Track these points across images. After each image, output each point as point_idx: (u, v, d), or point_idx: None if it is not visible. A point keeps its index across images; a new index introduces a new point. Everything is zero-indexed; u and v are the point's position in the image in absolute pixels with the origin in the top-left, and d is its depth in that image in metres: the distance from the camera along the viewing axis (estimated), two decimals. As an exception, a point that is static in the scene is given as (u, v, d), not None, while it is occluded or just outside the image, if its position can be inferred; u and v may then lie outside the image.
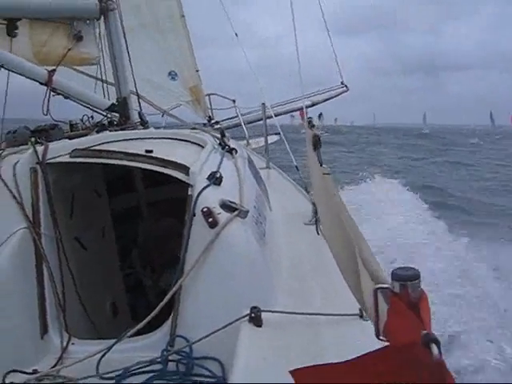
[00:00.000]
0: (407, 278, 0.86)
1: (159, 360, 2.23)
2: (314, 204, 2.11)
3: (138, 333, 2.41)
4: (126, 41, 4.53)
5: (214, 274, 2.31)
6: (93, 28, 4.39)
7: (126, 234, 4.65)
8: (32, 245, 2.54)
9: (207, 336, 2.13)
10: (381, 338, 0.91)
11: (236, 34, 7.75)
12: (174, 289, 2.29)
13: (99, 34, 4.51)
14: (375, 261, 1.09)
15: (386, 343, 0.85)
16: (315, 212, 2.35)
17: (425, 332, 0.70)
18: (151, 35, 7.32)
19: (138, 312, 3.79)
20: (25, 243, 2.51)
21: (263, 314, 2.11)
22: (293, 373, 0.87)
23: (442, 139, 66.71)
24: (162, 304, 2.24)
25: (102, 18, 4.41)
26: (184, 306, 2.33)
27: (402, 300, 0.83)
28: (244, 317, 2.11)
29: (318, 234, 2.51)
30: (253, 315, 2.10)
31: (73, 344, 2.49)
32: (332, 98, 9.35)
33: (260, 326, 2.08)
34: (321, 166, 2.27)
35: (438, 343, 0.68)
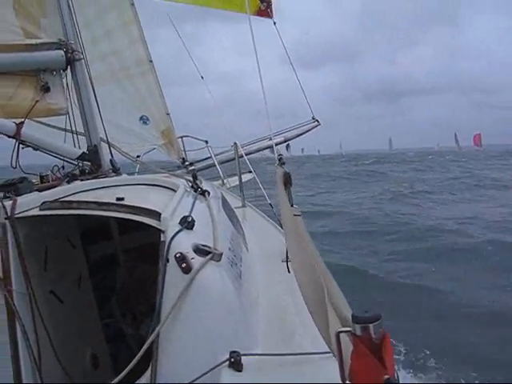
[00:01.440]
0: (368, 320, 0.86)
1: None
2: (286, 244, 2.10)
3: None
4: (93, 89, 4.54)
5: (191, 320, 2.26)
6: (59, 79, 4.38)
7: (104, 282, 4.57)
8: (3, 303, 2.47)
9: None
10: (347, 382, 0.90)
11: (202, 77, 7.84)
12: (151, 338, 2.24)
13: (66, 84, 4.51)
14: (344, 303, 1.08)
15: None
16: (286, 251, 2.33)
17: (386, 377, 0.69)
18: (120, 81, 7.36)
19: (119, 362, 3.70)
20: None
21: (243, 358, 2.07)
22: None
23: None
24: (138, 356, 2.18)
25: (69, 68, 4.43)
26: (163, 355, 2.28)
27: (364, 343, 0.83)
28: (223, 362, 2.06)
29: (289, 272, 2.48)
30: (232, 360, 2.05)
31: None
32: (304, 133, 9.43)
33: (240, 371, 2.04)
34: (291, 206, 2.26)
35: None
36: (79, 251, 3.74)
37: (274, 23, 8.24)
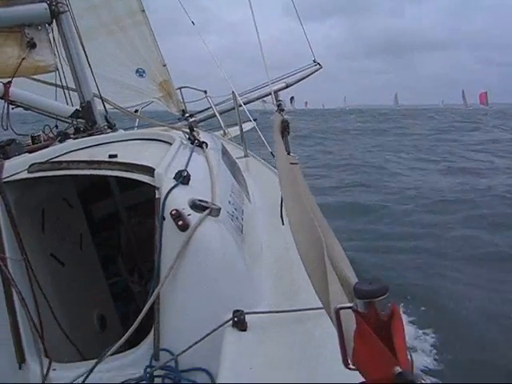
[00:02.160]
0: (372, 293, 0.72)
1: (144, 377, 2.11)
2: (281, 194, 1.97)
3: (130, 344, 2.29)
4: (82, 43, 4.35)
5: (191, 280, 2.18)
6: (45, 33, 4.19)
7: (108, 241, 4.51)
8: None
9: (191, 346, 2.01)
10: (350, 366, 0.76)
11: (193, 23, 7.55)
12: (151, 300, 2.16)
13: (53, 38, 4.32)
14: (346, 264, 0.96)
15: (356, 373, 0.71)
16: (281, 202, 2.20)
17: (399, 371, 0.57)
18: (112, 34, 7.11)
19: (129, 321, 3.67)
20: None
21: (247, 317, 1.99)
22: None
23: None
24: (139, 318, 2.11)
25: (54, 22, 4.23)
26: (165, 317, 2.21)
27: (369, 321, 0.69)
28: (227, 322, 1.98)
29: (283, 224, 2.37)
30: (236, 319, 1.97)
31: (54, 370, 2.35)
32: (306, 77, 9.14)
33: (245, 330, 1.96)
34: (288, 154, 2.13)
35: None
36: (78, 211, 3.65)
37: None
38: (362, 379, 0.67)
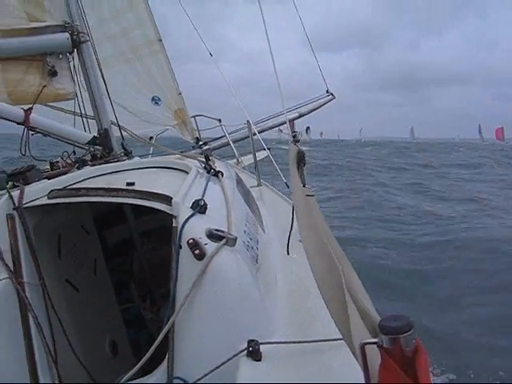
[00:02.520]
0: (398, 330, 0.74)
1: None
2: (291, 223, 1.99)
3: (144, 372, 2.29)
4: (101, 71, 4.45)
5: (207, 309, 2.19)
6: (66, 62, 4.31)
7: (121, 267, 4.53)
8: (15, 295, 2.42)
9: (205, 375, 2.01)
10: None
11: (211, 54, 7.69)
12: (166, 328, 2.17)
13: (74, 67, 4.43)
14: (363, 293, 0.98)
15: None
16: (289, 232, 2.22)
17: None
18: (130, 63, 7.26)
19: (140, 347, 3.67)
20: (7, 294, 2.39)
21: (262, 347, 1.99)
22: None
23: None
24: (153, 346, 2.12)
25: (75, 51, 4.35)
26: (179, 346, 2.21)
27: (394, 357, 0.70)
28: (242, 351, 1.98)
29: (288, 254, 2.37)
30: (250, 349, 1.97)
31: None
32: (319, 107, 9.26)
33: (259, 360, 1.96)
34: (304, 186, 2.15)
35: None
36: (94, 237, 3.69)
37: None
38: None
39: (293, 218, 1.95)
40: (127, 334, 3.78)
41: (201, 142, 7.92)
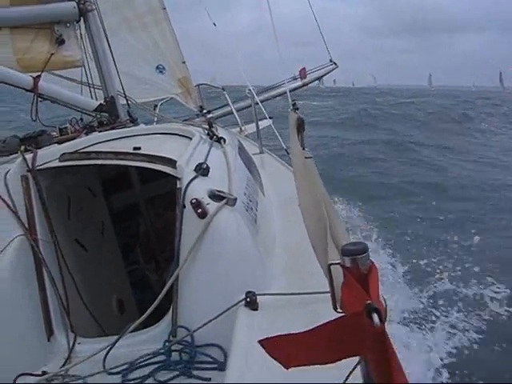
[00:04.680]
0: (356, 252, 0.93)
1: (163, 351, 2.29)
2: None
3: (145, 326, 2.48)
4: (107, 40, 4.55)
5: (208, 263, 2.36)
6: (73, 30, 4.41)
7: (128, 231, 4.71)
8: (30, 251, 2.60)
9: (206, 324, 2.19)
10: (338, 310, 0.98)
11: (214, 24, 7.71)
12: (171, 281, 2.35)
13: (80, 35, 4.53)
14: (344, 236, 1.15)
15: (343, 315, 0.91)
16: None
17: (368, 302, 0.76)
18: (135, 31, 7.31)
19: (145, 307, 3.86)
20: (22, 250, 2.57)
21: (259, 298, 2.16)
22: (262, 342, 0.94)
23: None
24: (159, 297, 2.30)
25: (82, 19, 4.44)
26: (182, 297, 2.39)
27: (352, 273, 0.89)
28: (240, 302, 2.16)
29: None
30: (248, 299, 2.14)
31: (79, 343, 2.55)
32: (322, 76, 9.38)
33: (256, 310, 2.13)
34: (303, 149, 2.31)
35: (378, 312, 0.74)
36: (101, 200, 3.85)
37: None
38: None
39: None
40: (133, 295, 3.97)
41: (204, 111, 8.01)
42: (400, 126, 26.45)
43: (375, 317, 0.73)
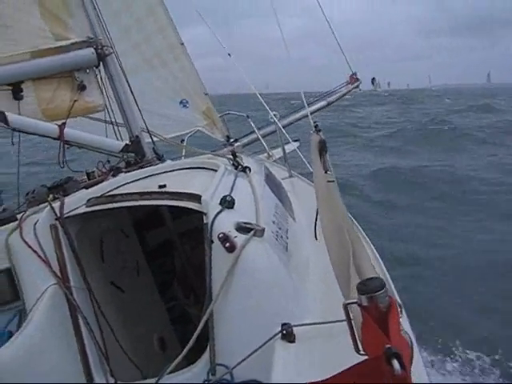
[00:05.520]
0: (372, 289, 0.86)
1: None
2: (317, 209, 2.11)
3: (189, 364, 2.44)
4: (127, 80, 4.61)
5: (242, 297, 2.32)
6: (94, 75, 4.49)
7: (164, 268, 4.70)
8: (64, 299, 2.60)
9: (244, 359, 2.13)
10: (361, 352, 0.90)
11: (229, 55, 7.77)
12: (205, 317, 2.31)
13: (101, 78, 4.61)
14: (369, 267, 1.08)
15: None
16: (315, 217, 2.32)
17: (387, 346, 0.69)
18: (155, 69, 7.41)
19: (187, 343, 3.82)
20: (57, 299, 2.57)
21: (295, 329, 2.10)
22: None
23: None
24: (194, 336, 2.26)
25: (101, 64, 4.52)
26: (218, 334, 2.35)
27: (371, 313, 0.82)
28: (276, 335, 2.10)
29: (316, 239, 2.47)
30: (284, 332, 2.09)
31: None
32: (345, 94, 9.27)
33: (293, 342, 2.07)
34: (325, 172, 2.26)
35: (399, 357, 0.67)
36: (133, 240, 3.86)
37: None
38: None
39: (318, 205, 2.06)
40: (174, 331, 3.94)
41: (231, 140, 8.03)
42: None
43: (395, 363, 0.67)
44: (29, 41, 4.24)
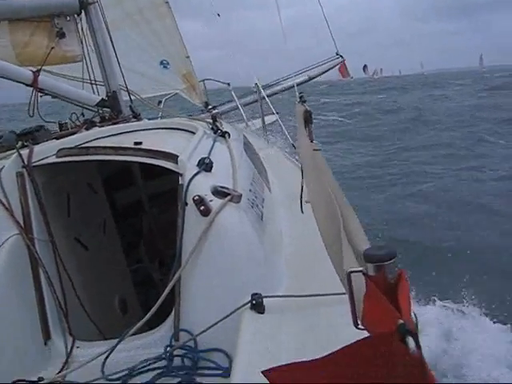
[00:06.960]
0: (381, 258, 0.78)
1: (164, 356, 2.18)
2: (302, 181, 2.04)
3: (151, 328, 2.37)
4: (109, 34, 4.45)
5: (212, 263, 2.25)
6: (74, 24, 4.31)
7: (131, 228, 4.60)
8: (26, 251, 2.49)
9: (210, 327, 2.08)
10: (359, 327, 0.83)
11: (218, 15, 7.61)
12: (172, 282, 2.24)
13: (82, 29, 4.43)
14: (362, 237, 1.01)
15: (365, 332, 0.77)
16: (301, 189, 2.26)
17: (400, 322, 0.62)
18: (138, 26, 7.20)
19: (149, 307, 3.76)
20: (18, 249, 2.46)
21: (265, 300, 2.04)
22: (266, 373, 0.80)
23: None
24: (160, 300, 2.19)
25: (83, 12, 4.33)
26: (185, 299, 2.28)
27: (378, 284, 0.74)
28: (245, 304, 2.04)
29: (302, 212, 2.41)
30: (254, 302, 2.03)
31: (77, 347, 2.44)
32: (328, 70, 9.23)
33: (262, 313, 2.02)
34: (311, 142, 2.19)
35: (415, 335, 0.60)
36: (102, 197, 3.74)
37: None
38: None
39: (303, 176, 1.98)
40: (136, 294, 3.86)
41: (210, 106, 7.90)
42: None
43: (410, 341, 0.60)
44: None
